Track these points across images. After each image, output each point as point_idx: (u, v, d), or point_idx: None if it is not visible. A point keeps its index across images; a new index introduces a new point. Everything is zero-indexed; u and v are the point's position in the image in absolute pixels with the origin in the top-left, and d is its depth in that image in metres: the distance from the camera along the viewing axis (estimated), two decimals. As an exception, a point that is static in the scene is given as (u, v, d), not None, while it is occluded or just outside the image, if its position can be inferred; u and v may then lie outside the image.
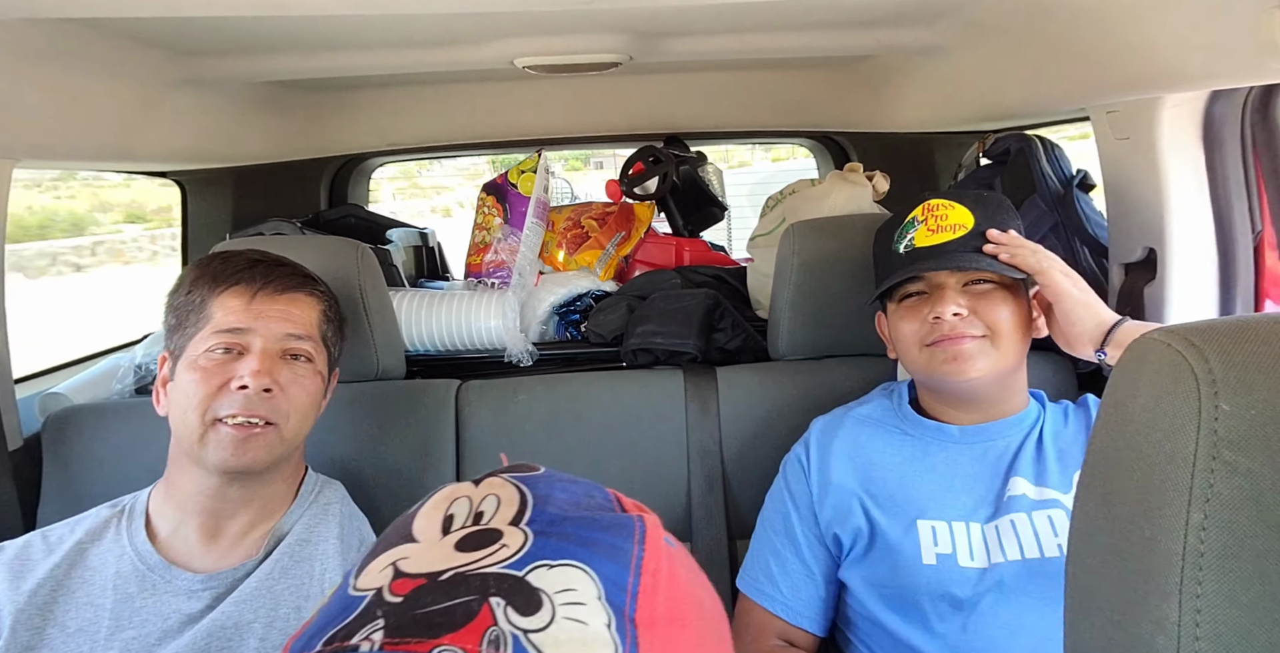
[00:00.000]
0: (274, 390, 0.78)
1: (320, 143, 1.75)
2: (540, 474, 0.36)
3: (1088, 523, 0.36)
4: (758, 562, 0.94)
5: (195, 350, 0.78)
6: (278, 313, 0.80)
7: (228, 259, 0.82)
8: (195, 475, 0.78)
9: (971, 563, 0.83)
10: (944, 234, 0.87)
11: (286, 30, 1.06)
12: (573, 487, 0.35)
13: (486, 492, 0.34)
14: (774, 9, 1.07)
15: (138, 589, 0.75)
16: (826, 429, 0.96)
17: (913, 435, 0.91)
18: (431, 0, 0.79)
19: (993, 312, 0.85)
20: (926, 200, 0.91)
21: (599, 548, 0.31)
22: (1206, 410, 0.30)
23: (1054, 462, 0.87)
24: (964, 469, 0.88)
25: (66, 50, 0.94)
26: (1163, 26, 0.77)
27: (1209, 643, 0.30)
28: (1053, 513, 0.84)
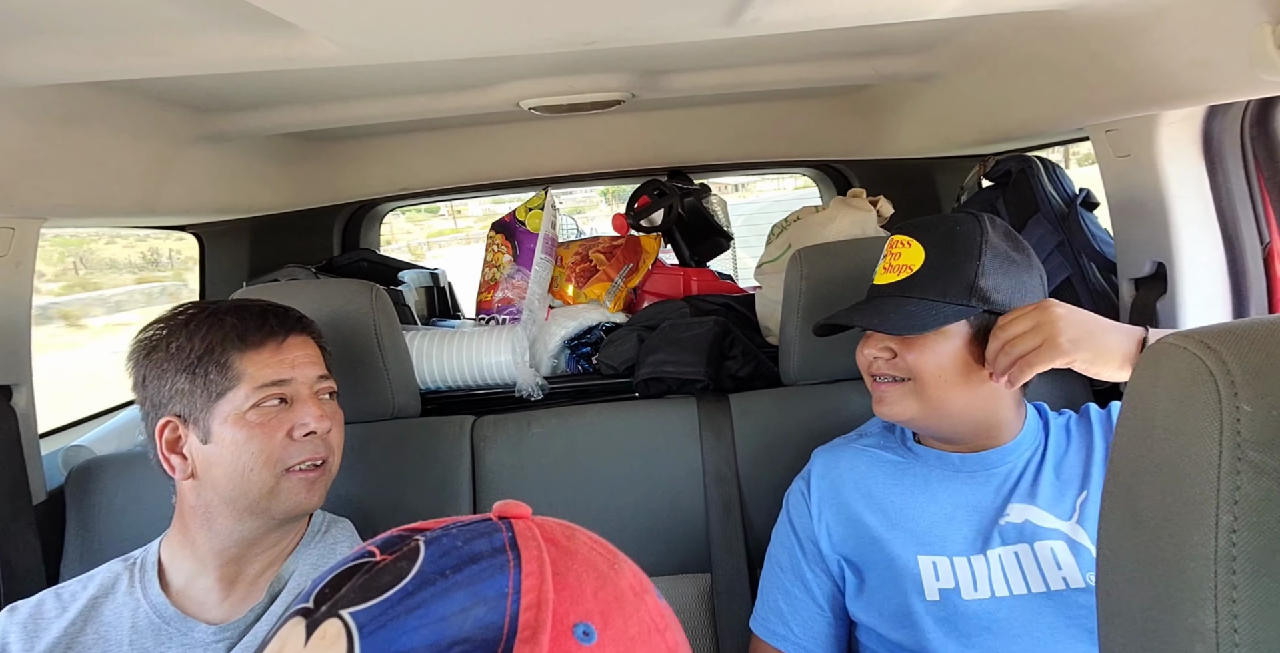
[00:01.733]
0: (332, 429, 0.83)
1: (333, 191, 1.79)
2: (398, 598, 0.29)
3: (1115, 532, 0.36)
4: (767, 602, 0.93)
5: (236, 408, 0.76)
6: (305, 358, 0.83)
7: (239, 314, 0.81)
8: (233, 528, 0.78)
9: (975, 595, 0.81)
10: (891, 274, 0.87)
11: (298, 84, 1.10)
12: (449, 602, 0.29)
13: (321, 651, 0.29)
14: (771, 44, 1.10)
15: (154, 643, 0.75)
16: (827, 461, 0.95)
17: (914, 465, 0.90)
18: (437, 48, 0.81)
19: (912, 357, 0.83)
20: (896, 234, 0.89)
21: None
22: (1228, 412, 0.30)
23: (1054, 487, 0.85)
24: (966, 499, 0.86)
25: (91, 112, 0.97)
26: (1155, 44, 0.79)
27: (1249, 650, 0.29)
28: (1054, 545, 0.82)
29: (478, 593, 0.29)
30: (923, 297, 0.83)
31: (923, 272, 0.85)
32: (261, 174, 1.56)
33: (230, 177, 1.45)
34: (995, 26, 1.03)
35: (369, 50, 0.79)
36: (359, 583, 0.30)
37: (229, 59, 0.78)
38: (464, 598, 0.29)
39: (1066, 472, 0.86)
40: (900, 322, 0.82)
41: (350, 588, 0.30)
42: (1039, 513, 0.84)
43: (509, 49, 0.82)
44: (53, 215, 1.02)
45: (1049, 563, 0.81)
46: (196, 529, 0.79)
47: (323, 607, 0.30)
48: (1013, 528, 0.83)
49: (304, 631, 0.29)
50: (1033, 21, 0.95)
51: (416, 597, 0.29)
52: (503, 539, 0.31)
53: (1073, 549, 0.81)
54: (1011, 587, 0.81)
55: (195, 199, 1.37)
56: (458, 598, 0.29)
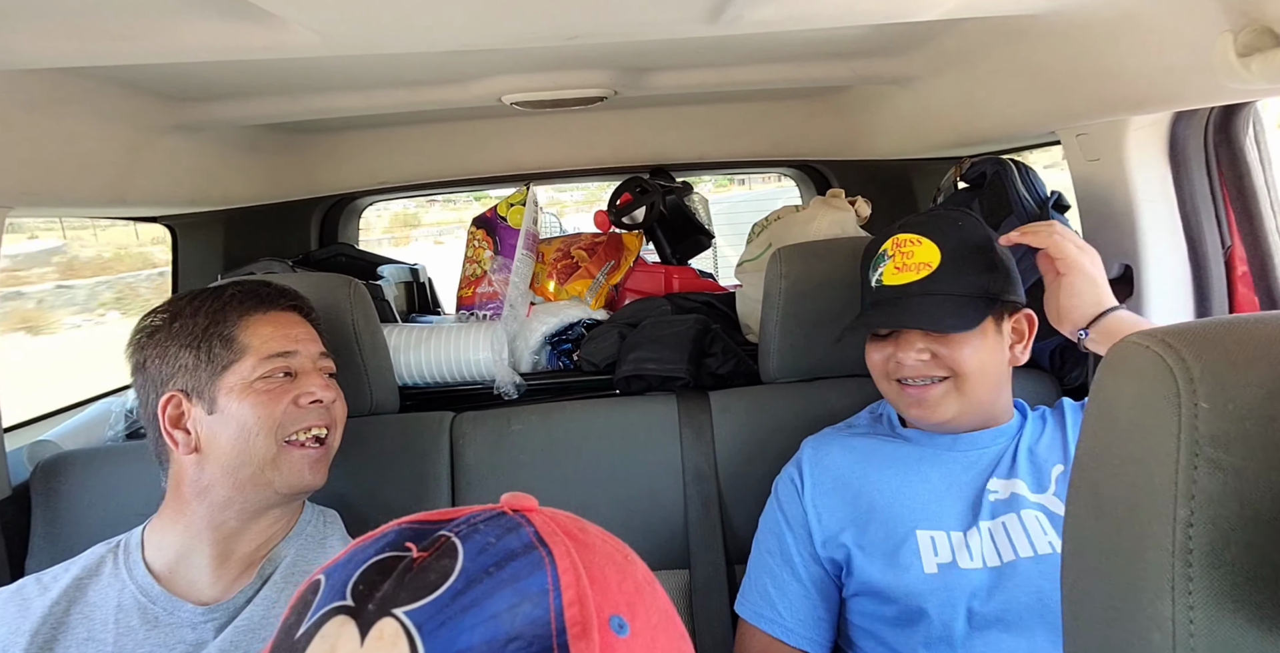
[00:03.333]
0: (335, 400, 0.86)
1: (310, 183, 1.77)
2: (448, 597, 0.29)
3: (1079, 524, 0.37)
4: (755, 585, 0.94)
5: (242, 379, 0.79)
6: (307, 335, 0.87)
7: (242, 290, 0.85)
8: (232, 500, 0.79)
9: (972, 564, 0.83)
10: (908, 273, 0.86)
11: (276, 74, 1.08)
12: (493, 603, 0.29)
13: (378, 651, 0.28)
14: (752, 43, 1.11)
15: (140, 622, 0.74)
16: (818, 447, 0.97)
17: (904, 446, 0.93)
18: (418, 40, 0.81)
19: (956, 355, 0.85)
20: (897, 233, 0.89)
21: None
22: (1186, 408, 0.32)
23: (1031, 463, 0.90)
24: (957, 477, 0.89)
25: (60, 98, 0.95)
26: (1124, 51, 0.81)
27: (1204, 639, 0.30)
28: (1037, 515, 0.86)
29: (521, 590, 0.30)
30: (953, 292, 0.84)
31: (945, 268, 0.85)
32: (237, 165, 1.54)
33: (204, 167, 1.43)
34: (971, 31, 1.05)
35: (348, 40, 0.78)
36: (404, 581, 0.30)
37: (205, 47, 0.77)
38: (510, 596, 0.29)
39: (1042, 451, 0.91)
40: (952, 319, 0.83)
41: (394, 586, 0.30)
42: (1022, 487, 0.88)
43: (490, 42, 0.82)
44: (19, 204, 1.00)
45: (1035, 530, 0.84)
46: (195, 504, 0.79)
47: (369, 605, 0.30)
48: (1000, 503, 0.86)
49: (356, 630, 0.29)
50: (1008, 27, 0.96)
51: (467, 595, 0.29)
52: (528, 535, 0.32)
53: (1051, 521, 0.85)
54: (1002, 556, 0.83)
55: (168, 190, 1.35)
56: (505, 596, 0.29)
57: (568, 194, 7.07)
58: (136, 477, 1.01)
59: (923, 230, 0.88)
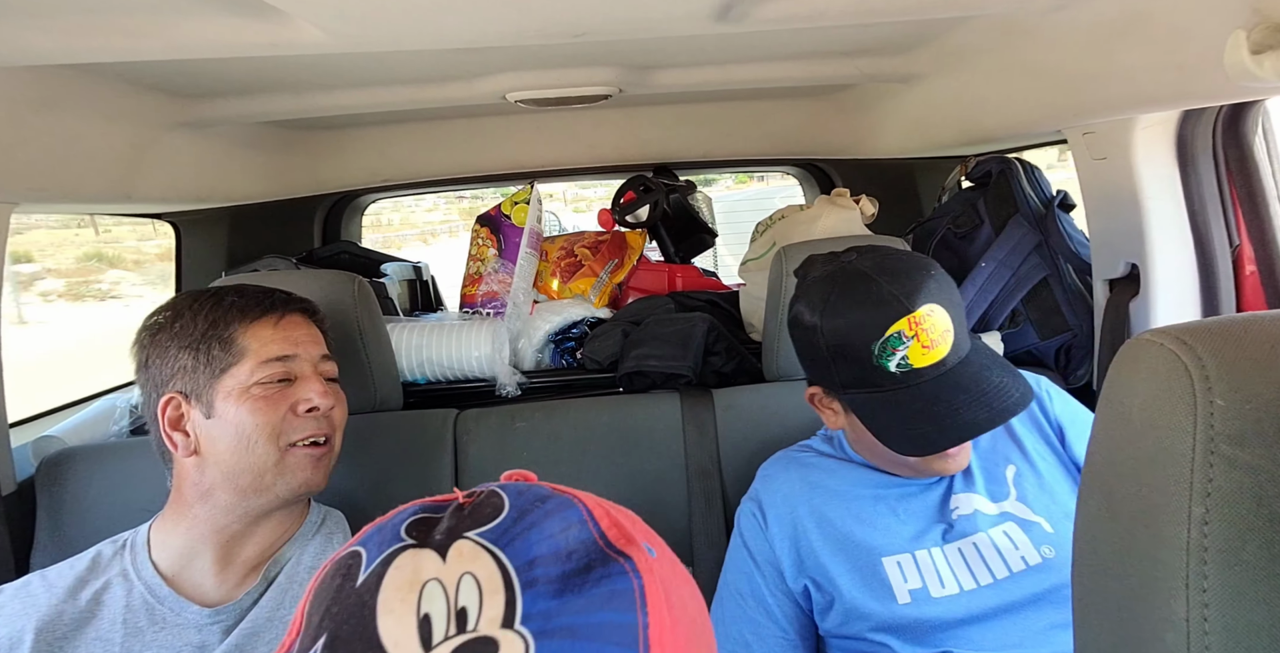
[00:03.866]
0: (335, 407, 0.84)
1: (314, 181, 1.77)
2: (510, 521, 0.32)
3: (1091, 524, 0.37)
4: (730, 632, 0.89)
5: (240, 383, 0.78)
6: (309, 338, 0.85)
7: (243, 293, 0.84)
8: (234, 506, 0.78)
9: (943, 592, 0.81)
10: (939, 349, 0.79)
11: (281, 71, 1.08)
12: (548, 525, 0.32)
13: (459, 569, 0.30)
14: (758, 41, 1.10)
15: (148, 623, 0.74)
16: (776, 476, 0.94)
17: (858, 471, 0.91)
18: (425, 37, 0.81)
19: None
20: (910, 313, 0.77)
21: (604, 633, 0.28)
22: (1202, 406, 0.31)
23: (984, 471, 0.88)
24: (910, 498, 0.87)
25: (66, 95, 0.95)
26: (1134, 49, 0.81)
27: (1219, 638, 0.30)
28: (1006, 528, 0.83)
29: (566, 518, 0.33)
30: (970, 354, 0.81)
31: (959, 332, 0.80)
32: (241, 163, 1.54)
33: (209, 165, 1.43)
34: (977, 29, 1.04)
35: (354, 37, 0.78)
36: (462, 516, 0.33)
37: (211, 43, 0.77)
38: (558, 522, 0.32)
39: (988, 454, 0.89)
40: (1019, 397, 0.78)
41: (453, 521, 0.32)
42: (982, 500, 0.86)
43: (498, 39, 0.82)
44: (24, 200, 1.00)
45: (1007, 546, 0.82)
46: (197, 506, 0.78)
47: (434, 537, 0.32)
48: (965, 520, 0.84)
49: (433, 553, 0.31)
50: (1015, 24, 0.96)
51: (524, 521, 0.32)
52: (544, 488, 0.35)
53: (1023, 526, 0.83)
54: (978, 578, 0.81)
55: (172, 187, 1.35)
56: (554, 522, 0.32)
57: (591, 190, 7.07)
58: (141, 473, 1.01)
59: (928, 301, 0.79)
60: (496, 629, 0.27)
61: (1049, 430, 0.91)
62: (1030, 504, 0.84)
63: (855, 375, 0.82)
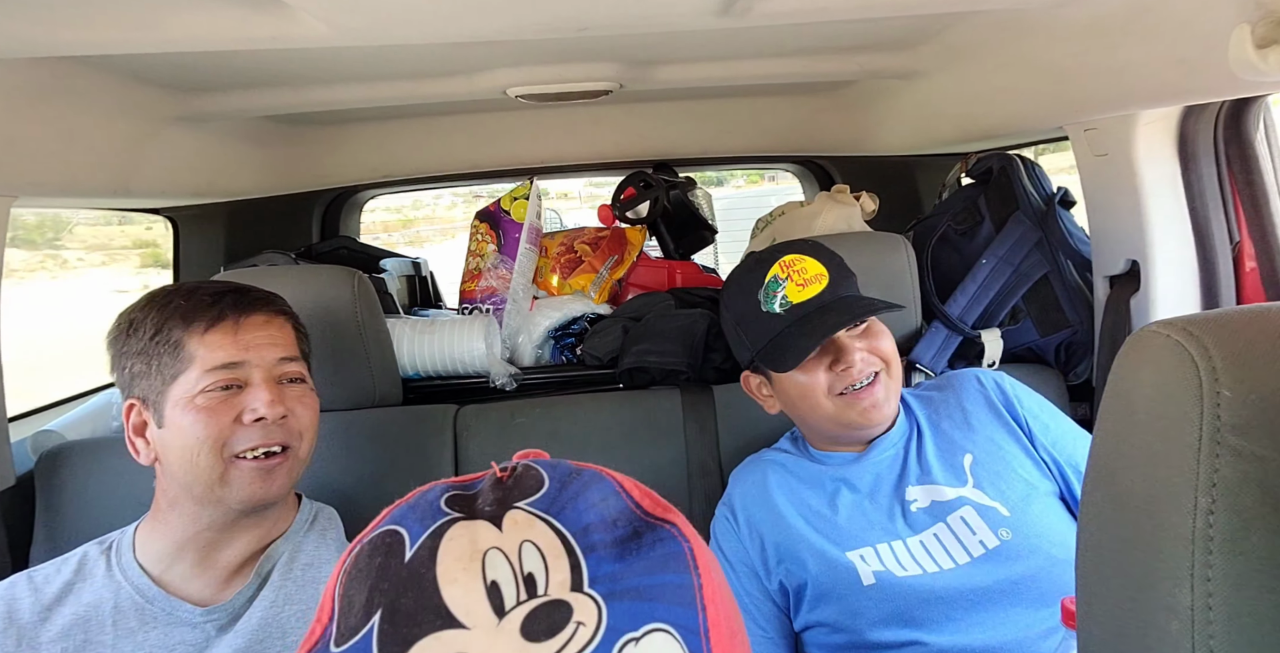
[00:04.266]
0: (287, 416, 0.78)
1: (313, 176, 1.77)
2: (555, 491, 0.33)
3: (1096, 514, 0.37)
4: None
5: (186, 392, 0.74)
6: (265, 340, 0.79)
7: (190, 295, 0.78)
8: (199, 514, 0.76)
9: (907, 573, 0.83)
10: (813, 286, 0.91)
11: (281, 65, 1.08)
12: (590, 495, 0.33)
13: (517, 537, 0.30)
14: (759, 37, 1.10)
15: (139, 623, 0.74)
16: (747, 479, 0.97)
17: (820, 470, 0.94)
18: (428, 31, 0.81)
19: (883, 345, 0.91)
20: (779, 257, 0.93)
21: (666, 594, 0.29)
22: (1209, 397, 0.31)
23: (941, 459, 0.91)
24: (867, 490, 0.91)
25: (65, 88, 0.95)
26: (1136, 44, 0.81)
27: (1222, 626, 0.30)
28: (964, 513, 0.86)
29: (603, 489, 0.33)
30: (850, 294, 0.92)
31: (834, 276, 0.93)
32: (239, 158, 1.54)
33: (207, 159, 1.42)
34: (979, 25, 1.04)
35: (357, 31, 0.77)
36: (506, 488, 0.33)
37: (212, 36, 0.77)
38: (597, 492, 0.33)
39: (945, 442, 0.92)
40: (880, 306, 0.89)
41: (498, 493, 0.32)
42: (938, 490, 0.88)
43: (500, 33, 0.82)
44: (24, 193, 1.00)
45: (965, 532, 0.85)
46: (169, 512, 0.78)
47: (484, 508, 0.32)
48: (922, 512, 0.87)
49: (486, 523, 0.31)
50: (1017, 21, 0.96)
51: (567, 491, 0.33)
52: (569, 463, 0.35)
53: (980, 512, 0.85)
54: (939, 562, 0.83)
55: (170, 181, 1.35)
56: (593, 492, 0.33)
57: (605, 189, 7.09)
58: (139, 468, 1.01)
59: (807, 250, 0.94)
60: (567, 592, 0.28)
61: (1013, 424, 0.94)
62: (986, 490, 0.87)
63: (756, 333, 0.94)
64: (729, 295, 0.99)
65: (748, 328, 0.95)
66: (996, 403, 0.95)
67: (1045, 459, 0.91)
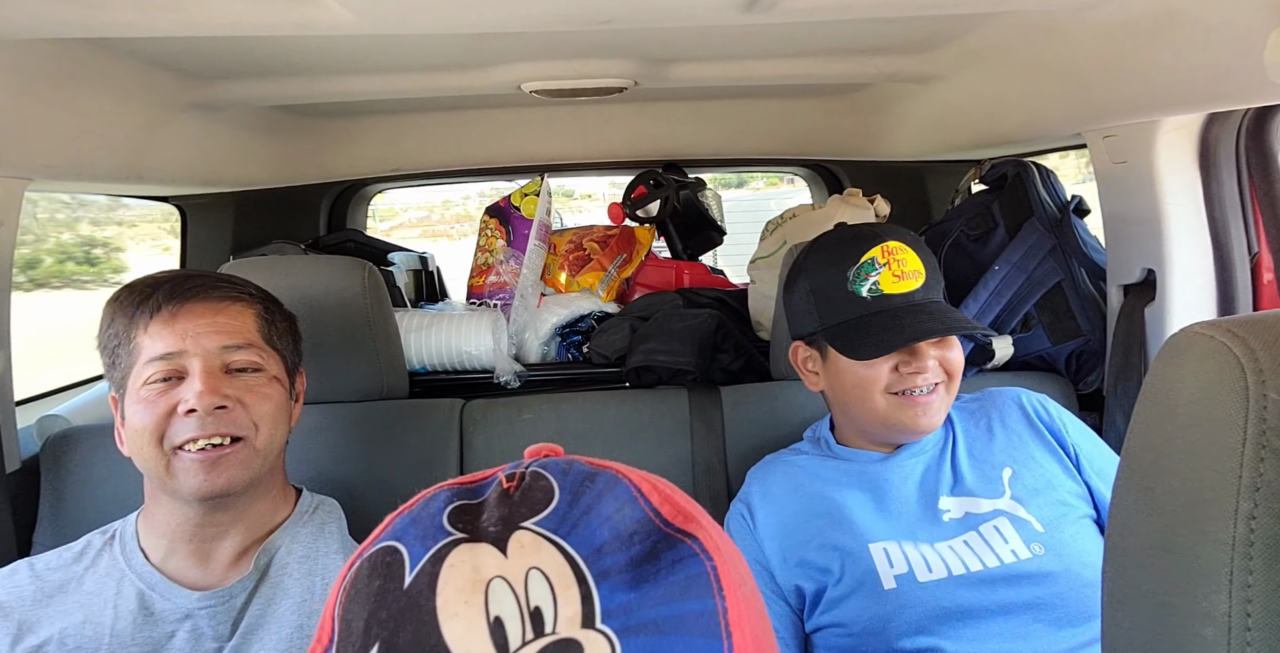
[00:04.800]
0: (230, 406, 0.74)
1: (322, 168, 1.76)
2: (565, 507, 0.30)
3: (1128, 518, 0.36)
4: None
5: (135, 385, 0.74)
6: (206, 327, 0.76)
7: (134, 288, 0.77)
8: (173, 507, 0.76)
9: (931, 576, 0.82)
10: (909, 281, 0.87)
11: (296, 54, 1.07)
12: (604, 507, 0.31)
13: (524, 564, 0.28)
14: (778, 36, 1.10)
15: (138, 607, 0.73)
16: (763, 477, 0.96)
17: (845, 466, 0.92)
18: (452, 20, 0.80)
19: (953, 358, 0.87)
20: (884, 241, 0.88)
21: (687, 625, 0.27)
22: (1255, 399, 0.31)
23: (976, 471, 0.89)
24: (894, 492, 0.89)
25: (79, 72, 0.94)
26: (1162, 49, 0.80)
27: (1261, 633, 0.29)
28: (998, 523, 0.84)
29: (618, 497, 0.31)
30: (939, 300, 0.89)
31: (929, 280, 0.89)
32: (250, 147, 1.53)
33: (218, 148, 1.42)
34: (1002, 27, 1.03)
35: (383, 19, 0.77)
36: (512, 503, 0.31)
37: (234, 20, 0.76)
38: (612, 501, 0.31)
39: (982, 453, 0.90)
40: (964, 322, 0.86)
41: (505, 510, 0.30)
42: (973, 502, 0.87)
43: (524, 24, 0.81)
44: (38, 176, 0.99)
45: (996, 540, 0.83)
46: (152, 505, 0.78)
47: (488, 529, 0.29)
48: (955, 522, 0.86)
49: (490, 547, 0.28)
50: (1039, 23, 0.95)
51: (579, 504, 0.30)
52: (585, 463, 0.33)
53: (1014, 523, 0.84)
54: (967, 564, 0.82)
55: (181, 169, 1.34)
56: (608, 502, 0.31)
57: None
58: None
59: (901, 239, 0.90)
60: (577, 630, 0.26)
61: (1056, 446, 0.92)
62: (1024, 504, 0.86)
63: (832, 310, 0.90)
64: (813, 261, 0.93)
65: (824, 301, 0.91)
66: (1039, 424, 0.93)
67: (1087, 485, 0.89)
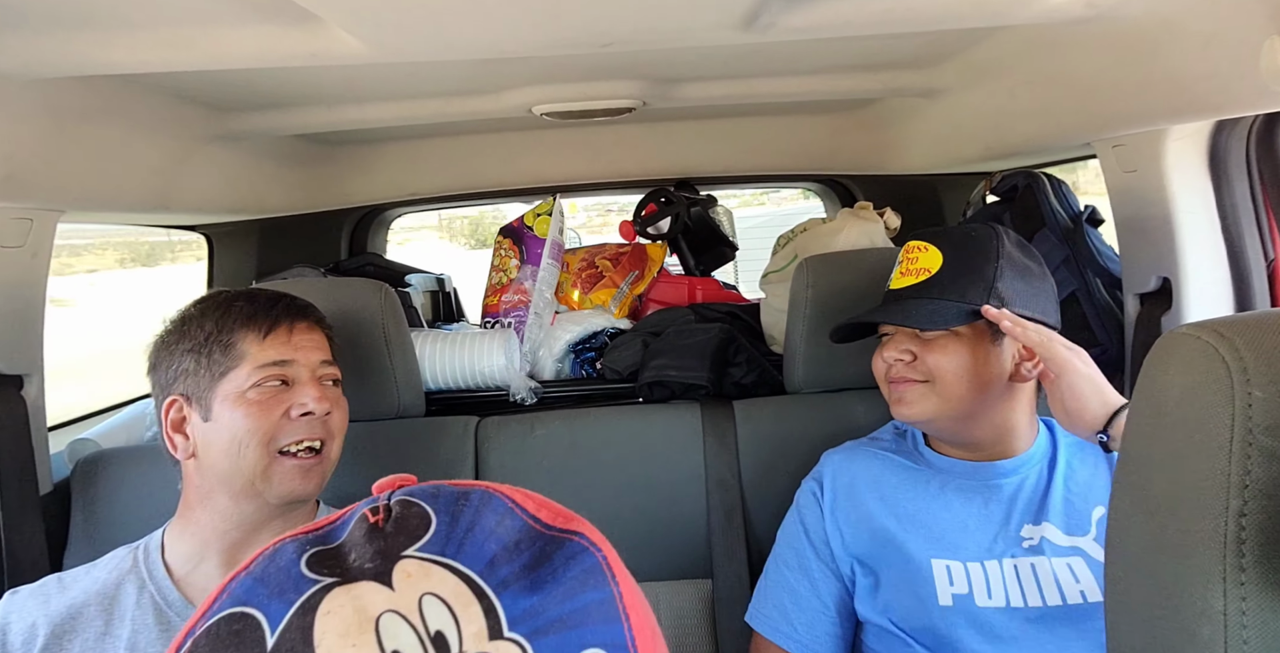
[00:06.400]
0: (331, 413, 0.83)
1: (342, 195, 1.81)
2: (445, 527, 0.29)
3: (1125, 519, 0.36)
4: (770, 598, 0.92)
5: (238, 387, 0.78)
6: (311, 343, 0.85)
7: (251, 299, 0.84)
8: (231, 511, 0.78)
9: (989, 603, 0.81)
10: (909, 278, 0.90)
11: (313, 84, 1.11)
12: (485, 521, 0.30)
13: (414, 592, 0.26)
14: (781, 54, 1.11)
15: (155, 621, 0.75)
16: (841, 462, 0.95)
17: (926, 470, 0.91)
18: (459, 47, 0.83)
19: (933, 359, 0.86)
20: (911, 240, 0.93)
21: (591, 614, 0.27)
22: (1240, 398, 0.31)
23: (1066, 503, 0.86)
24: (978, 508, 0.87)
25: (110, 107, 0.98)
26: (1166, 58, 0.80)
27: (1257, 631, 0.29)
28: (1072, 562, 0.82)
29: (495, 510, 0.30)
30: (942, 297, 0.86)
31: (941, 274, 0.88)
32: (272, 176, 1.58)
33: (242, 178, 1.46)
34: (1004, 41, 1.04)
35: (392, 47, 0.80)
36: (386, 535, 0.29)
37: (251, 54, 0.79)
38: (491, 515, 0.30)
39: (1079, 487, 0.87)
40: (922, 318, 0.85)
41: (380, 543, 0.28)
42: (1054, 532, 0.84)
43: (529, 49, 0.83)
44: (70, 208, 1.03)
45: (1066, 578, 0.81)
46: (200, 510, 0.79)
47: (363, 566, 0.27)
48: (1032, 548, 0.84)
49: (373, 584, 0.26)
50: (1042, 36, 0.96)
51: (460, 523, 0.29)
52: (450, 486, 0.32)
53: (1090, 565, 0.81)
54: (1027, 598, 0.80)
55: (207, 198, 1.39)
56: (488, 516, 0.30)
57: None
58: (172, 476, 1.03)
59: (933, 238, 0.91)
60: (486, 644, 0.25)
61: None
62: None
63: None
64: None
65: None
66: None
67: None
